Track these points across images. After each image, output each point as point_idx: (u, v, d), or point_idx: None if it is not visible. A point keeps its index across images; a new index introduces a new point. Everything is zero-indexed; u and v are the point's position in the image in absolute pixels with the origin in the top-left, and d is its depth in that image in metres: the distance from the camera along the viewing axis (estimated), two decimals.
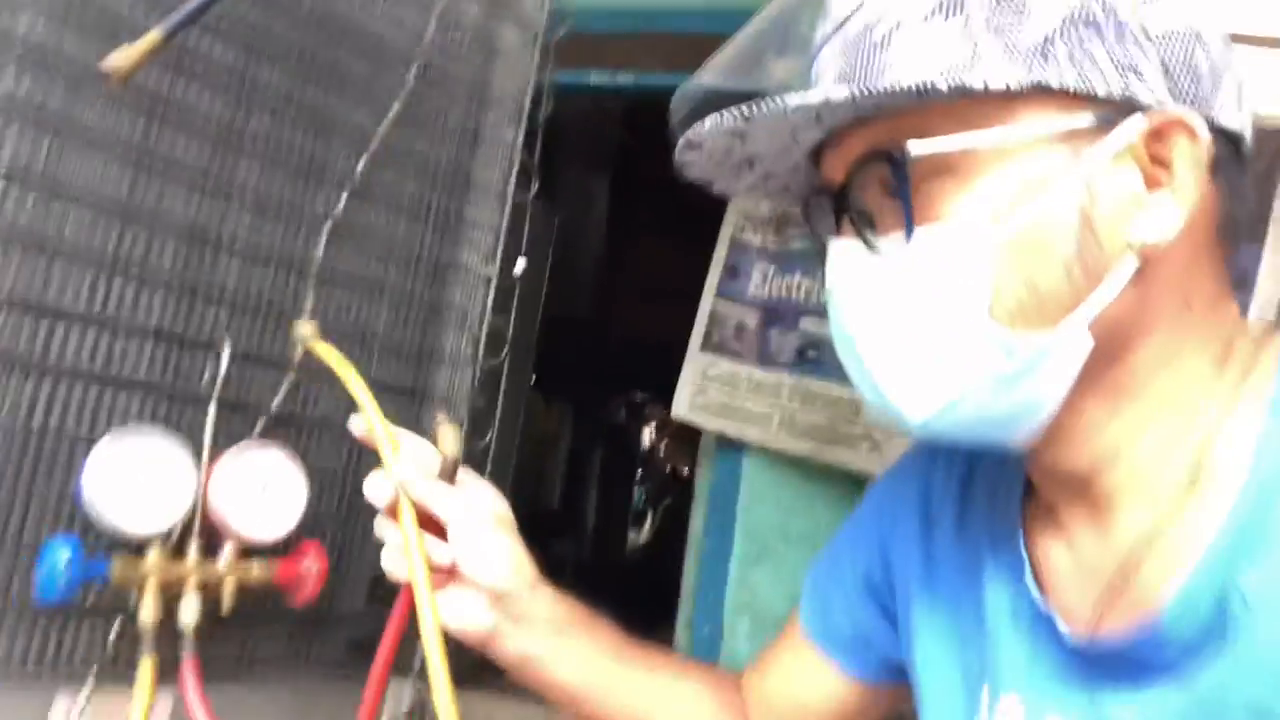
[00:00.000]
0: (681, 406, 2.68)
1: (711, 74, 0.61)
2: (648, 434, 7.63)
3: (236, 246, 0.72)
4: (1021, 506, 0.66)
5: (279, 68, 0.74)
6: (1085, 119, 0.53)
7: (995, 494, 0.68)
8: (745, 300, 2.59)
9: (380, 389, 0.84)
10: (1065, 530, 0.62)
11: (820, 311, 2.86)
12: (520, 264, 0.94)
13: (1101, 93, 0.52)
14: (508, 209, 0.93)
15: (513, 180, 0.96)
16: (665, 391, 2.86)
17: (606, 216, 4.64)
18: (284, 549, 0.73)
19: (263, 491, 0.71)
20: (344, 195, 0.78)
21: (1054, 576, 0.62)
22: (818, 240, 0.62)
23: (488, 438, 0.91)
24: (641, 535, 5.79)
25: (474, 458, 0.91)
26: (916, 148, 0.53)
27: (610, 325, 5.23)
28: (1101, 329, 0.54)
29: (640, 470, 7.22)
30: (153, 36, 0.65)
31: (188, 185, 0.68)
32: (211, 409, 0.69)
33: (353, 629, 0.82)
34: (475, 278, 0.89)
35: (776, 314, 2.54)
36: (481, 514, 0.72)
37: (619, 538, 5.68)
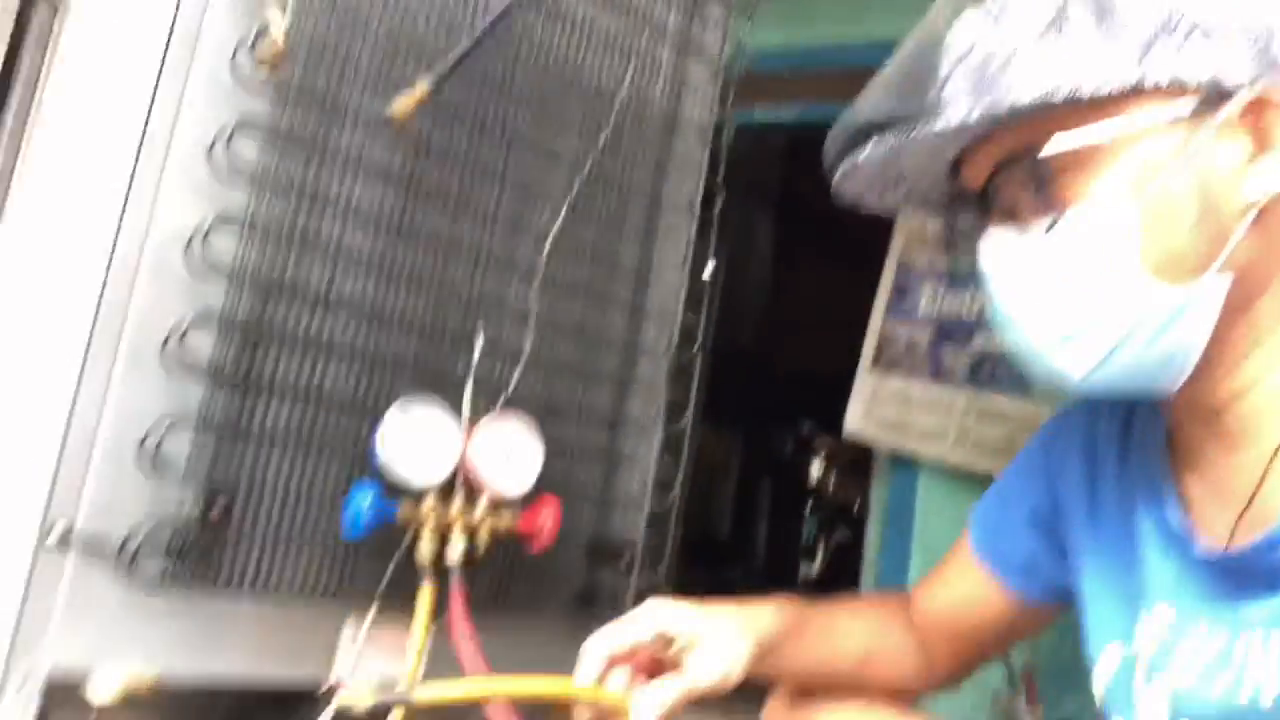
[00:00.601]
0: (853, 424, 2.70)
1: (862, 106, 0.70)
2: (816, 466, 7.56)
3: (480, 257, 0.87)
4: (1165, 443, 0.73)
5: (512, 108, 0.89)
6: (1186, 106, 0.61)
7: (1146, 435, 0.76)
8: (915, 318, 2.60)
9: (589, 375, 0.97)
10: (1202, 460, 0.69)
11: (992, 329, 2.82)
12: (710, 267, 1.05)
13: (1193, 84, 0.60)
14: (696, 219, 1.05)
15: (699, 197, 1.08)
16: (832, 422, 2.88)
17: (772, 249, 4.71)
18: (524, 505, 0.86)
19: (509, 453, 0.84)
20: (562, 212, 0.92)
21: (1194, 502, 0.70)
22: (960, 240, 0.71)
23: (684, 420, 1.02)
24: (813, 568, 5.72)
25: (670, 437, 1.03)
26: (1048, 148, 0.62)
27: (776, 356, 5.27)
28: (1231, 280, 0.62)
29: (810, 502, 7.15)
30: (422, 87, 0.81)
31: (442, 207, 0.84)
32: (468, 387, 0.84)
33: (575, 583, 0.94)
34: (671, 280, 1.00)
35: (948, 331, 2.54)
36: (710, 663, 0.75)
37: (790, 568, 5.63)
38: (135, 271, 0.76)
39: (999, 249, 0.67)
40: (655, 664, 0.77)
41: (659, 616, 0.76)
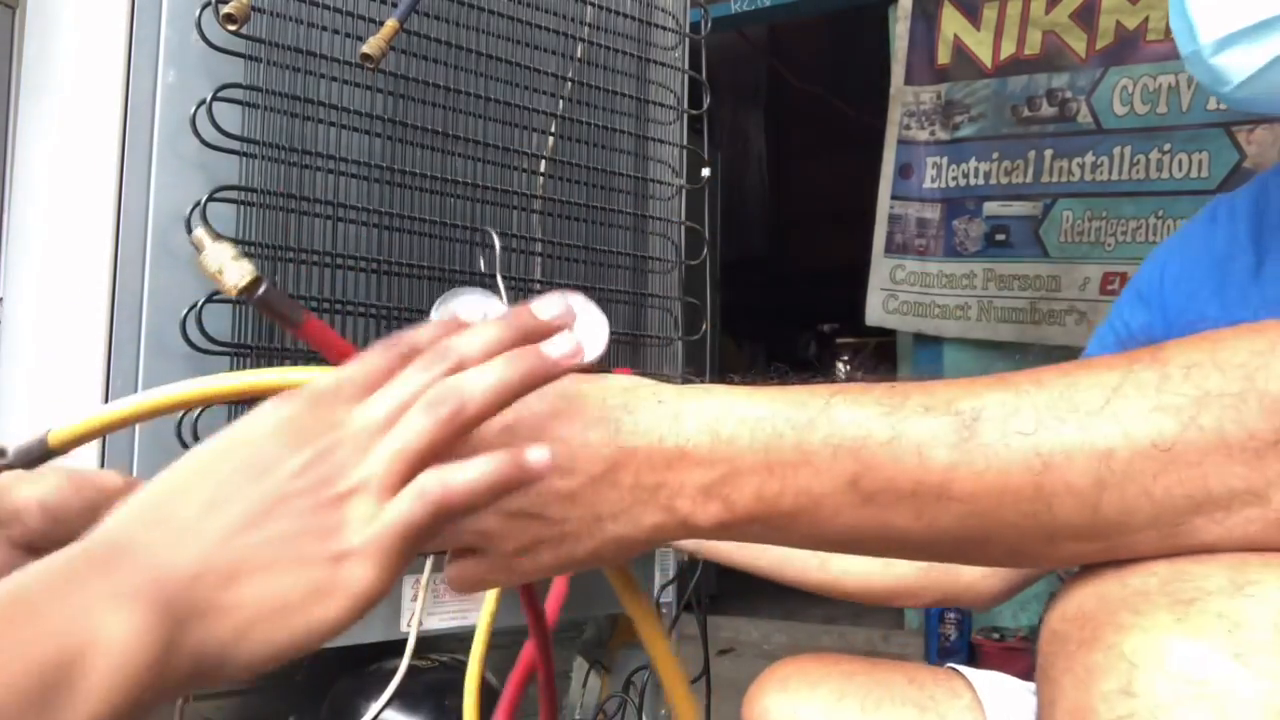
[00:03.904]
0: (874, 314, 2.68)
1: None
2: (841, 366, 7.55)
3: (475, 192, 0.87)
4: None
5: (484, 37, 0.88)
6: None
7: None
8: (922, 196, 2.57)
9: (607, 295, 0.97)
10: None
11: (1003, 194, 2.78)
12: (706, 171, 1.03)
13: None
14: (685, 121, 1.03)
15: (685, 96, 1.06)
16: (852, 316, 2.86)
17: (766, 149, 4.63)
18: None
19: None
20: (550, 138, 0.91)
21: None
22: None
23: (703, 330, 1.02)
24: None
25: (693, 348, 1.02)
26: None
27: (786, 258, 5.22)
28: None
29: None
30: (391, 23, 0.79)
31: (429, 143, 0.84)
32: (500, 281, 0.84)
33: None
34: (669, 190, 0.99)
35: (958, 204, 2.51)
36: None
37: None
38: (143, 256, 0.76)
39: None
40: None
41: None
